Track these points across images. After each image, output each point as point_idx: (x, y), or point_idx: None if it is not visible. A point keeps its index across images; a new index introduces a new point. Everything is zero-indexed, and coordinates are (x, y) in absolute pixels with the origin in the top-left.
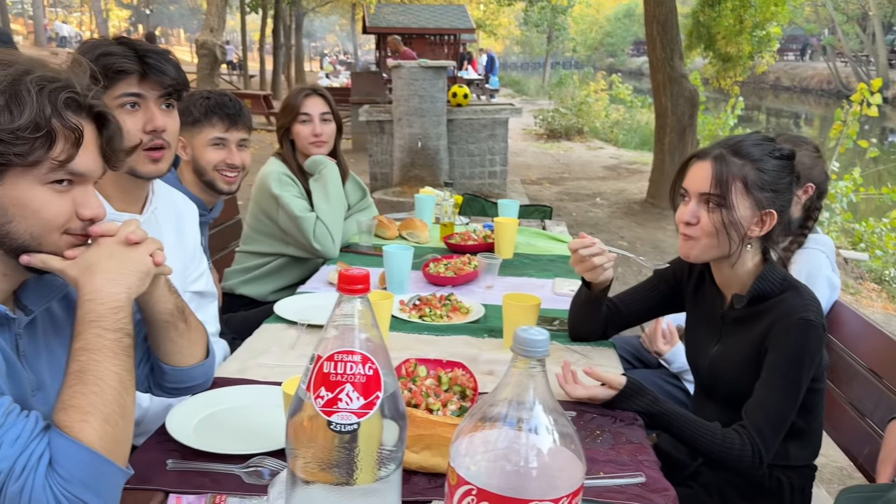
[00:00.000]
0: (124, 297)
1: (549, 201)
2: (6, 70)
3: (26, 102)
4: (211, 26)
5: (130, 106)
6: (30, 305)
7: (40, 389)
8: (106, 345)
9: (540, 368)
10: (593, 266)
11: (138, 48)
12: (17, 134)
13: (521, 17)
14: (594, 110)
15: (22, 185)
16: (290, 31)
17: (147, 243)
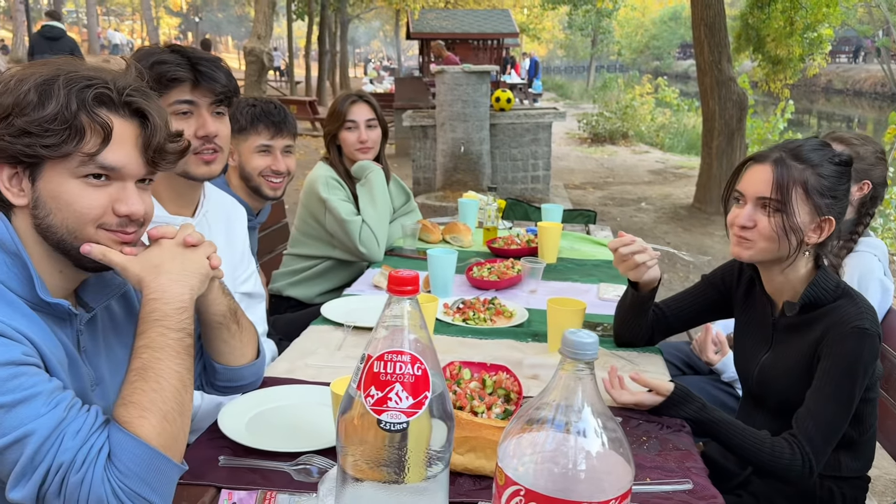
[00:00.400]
0: (188, 297)
1: (593, 206)
2: (43, 69)
3: (54, 96)
4: (258, 33)
5: (183, 113)
6: (90, 303)
7: (99, 384)
8: (169, 344)
9: (588, 371)
10: (635, 264)
11: (191, 56)
12: (44, 126)
13: (566, 20)
14: (639, 114)
15: (57, 178)
16: (335, 38)
17: (204, 246)
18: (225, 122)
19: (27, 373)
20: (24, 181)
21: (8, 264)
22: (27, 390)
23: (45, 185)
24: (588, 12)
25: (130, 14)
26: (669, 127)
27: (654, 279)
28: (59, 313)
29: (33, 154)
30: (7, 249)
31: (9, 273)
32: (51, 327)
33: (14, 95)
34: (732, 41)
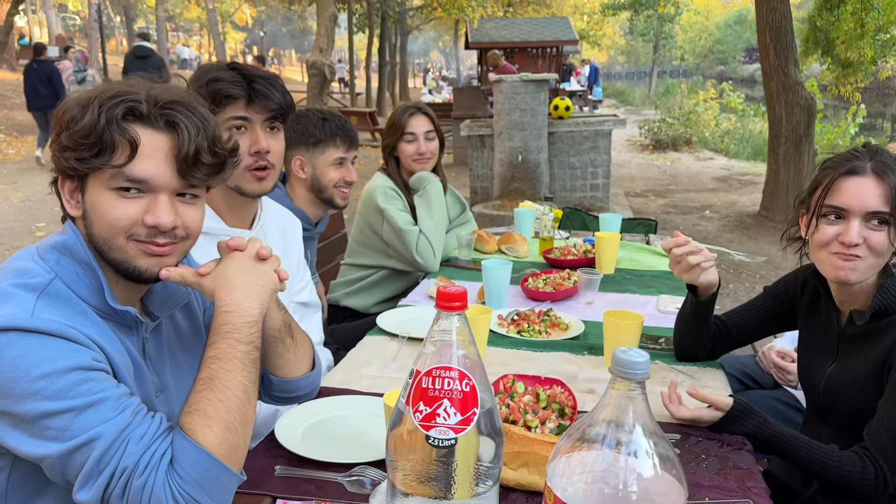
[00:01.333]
0: (258, 311)
1: (655, 214)
2: (89, 91)
3: (88, 112)
4: (321, 47)
5: (237, 129)
6: (155, 312)
7: (163, 391)
8: (237, 356)
9: (640, 391)
10: (689, 266)
11: (247, 73)
12: (79, 140)
13: (626, 26)
14: (703, 119)
15: (96, 190)
16: (395, 49)
17: (272, 260)
18: (279, 139)
19: (96, 378)
20: (77, 193)
21: (79, 273)
22: (96, 395)
23: (90, 197)
24: (650, 17)
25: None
26: (735, 133)
27: (711, 283)
28: (126, 321)
29: (72, 167)
30: (79, 259)
31: (79, 282)
32: (118, 335)
33: (65, 115)
34: (800, 44)
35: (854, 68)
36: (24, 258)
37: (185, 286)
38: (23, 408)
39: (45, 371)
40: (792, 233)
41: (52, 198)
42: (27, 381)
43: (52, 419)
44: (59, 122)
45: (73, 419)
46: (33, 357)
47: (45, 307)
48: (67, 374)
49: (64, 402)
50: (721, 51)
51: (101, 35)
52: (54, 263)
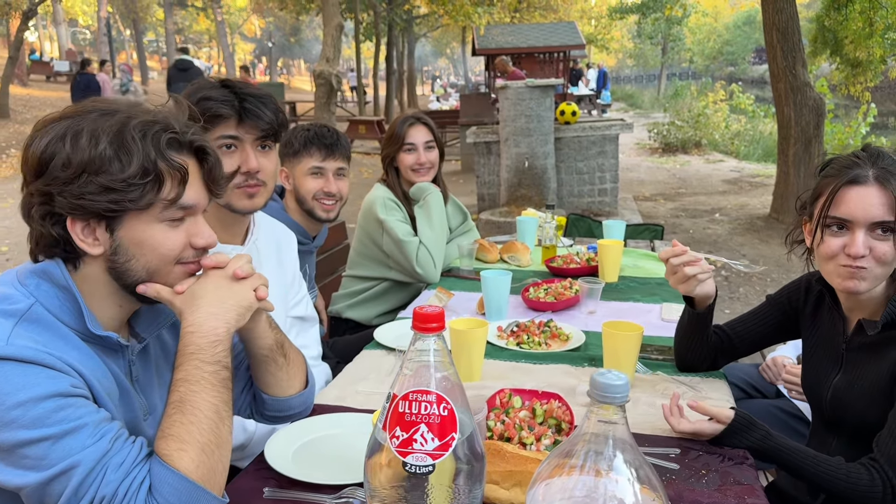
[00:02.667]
0: (223, 331)
1: (665, 218)
2: (110, 120)
3: (133, 150)
4: (327, 56)
5: (227, 147)
6: (142, 333)
7: (152, 414)
8: (204, 377)
9: (620, 415)
10: (685, 277)
11: (239, 92)
12: (129, 182)
13: (634, 29)
14: (713, 122)
15: (139, 226)
16: (403, 57)
17: (253, 279)
18: (270, 157)
19: (74, 404)
20: (97, 231)
21: (60, 298)
22: (74, 422)
23: (127, 234)
24: (657, 20)
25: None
26: (745, 134)
27: (707, 295)
28: (109, 345)
29: (119, 209)
30: (58, 284)
31: (62, 307)
32: (102, 358)
33: (88, 153)
34: (808, 44)
35: (863, 68)
36: (5, 283)
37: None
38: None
39: (20, 399)
40: (795, 236)
41: None
42: (3, 410)
43: (29, 448)
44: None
45: (50, 447)
46: (8, 385)
47: (24, 333)
48: (44, 402)
49: (41, 431)
50: (730, 52)
51: (111, 49)
52: (34, 288)
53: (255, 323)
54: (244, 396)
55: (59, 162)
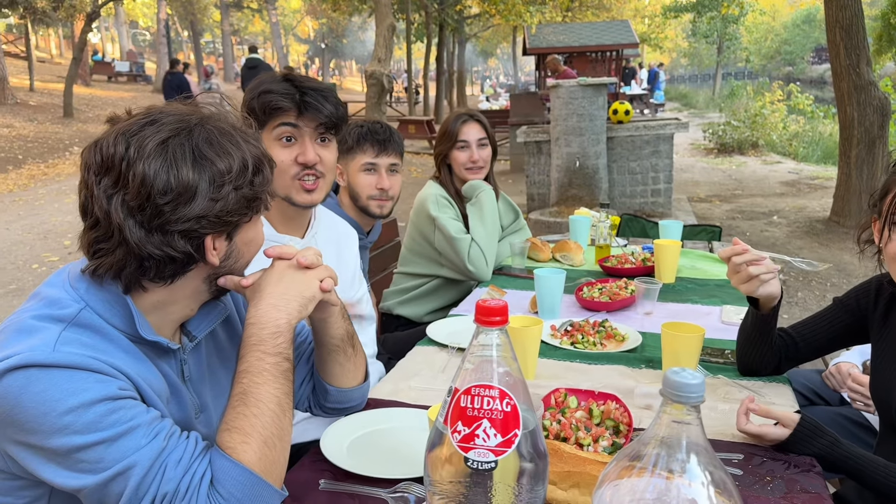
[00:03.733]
0: (284, 322)
1: (720, 220)
2: (256, 141)
3: (262, 167)
4: (379, 57)
5: (286, 139)
6: (194, 332)
7: (203, 411)
8: (266, 368)
9: (695, 415)
10: (748, 277)
11: (300, 85)
12: (267, 178)
13: (689, 28)
14: (770, 122)
15: (257, 223)
16: (453, 57)
17: (318, 270)
18: (329, 149)
19: (125, 406)
20: (217, 241)
21: (110, 303)
22: (126, 423)
23: (243, 236)
24: (713, 19)
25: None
26: (803, 135)
27: (772, 295)
28: (160, 348)
29: (256, 212)
30: (108, 289)
31: (112, 311)
32: (153, 360)
33: (225, 160)
34: (872, 43)
35: None
36: (57, 285)
37: (218, 299)
38: (54, 443)
39: (71, 405)
40: (865, 236)
41: None
42: (55, 417)
43: (84, 452)
44: (212, 184)
45: (105, 450)
46: (58, 392)
47: (72, 337)
48: (95, 406)
49: (95, 435)
50: (788, 51)
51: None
52: (84, 292)
53: (328, 313)
54: (303, 388)
55: (202, 187)
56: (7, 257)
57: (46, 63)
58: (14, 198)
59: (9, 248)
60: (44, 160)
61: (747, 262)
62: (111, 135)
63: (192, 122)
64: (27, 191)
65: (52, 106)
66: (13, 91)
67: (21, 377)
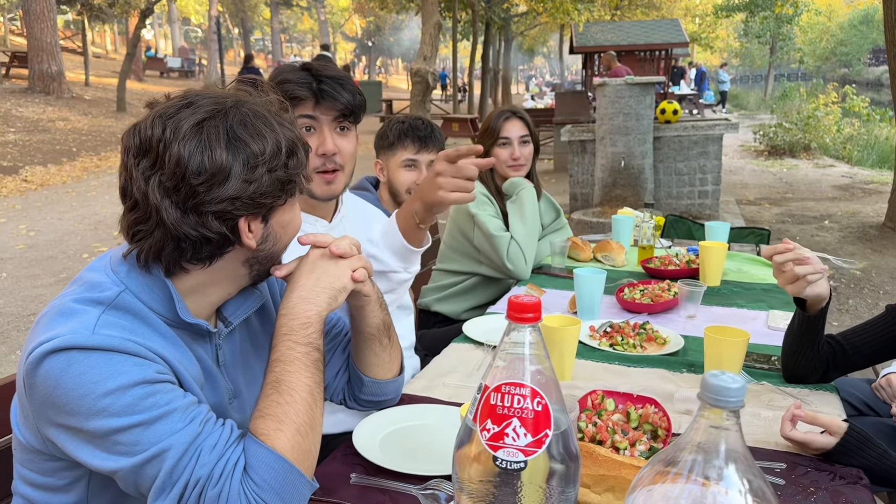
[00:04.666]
0: (313, 314)
1: (769, 224)
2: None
3: (297, 149)
4: (424, 54)
5: (306, 129)
6: (229, 318)
7: (237, 397)
8: (298, 357)
9: (734, 420)
10: (794, 277)
11: (317, 74)
12: (299, 168)
13: (741, 28)
14: (823, 125)
15: (288, 209)
16: (499, 56)
17: (352, 260)
18: (348, 138)
19: (162, 390)
20: (253, 223)
21: (150, 286)
22: (163, 407)
23: (279, 219)
24: (766, 19)
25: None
26: (858, 139)
27: (820, 296)
28: (198, 331)
29: (291, 195)
30: (149, 271)
31: (151, 294)
32: (188, 344)
33: (259, 142)
34: None
35: None
36: (98, 269)
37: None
38: (92, 425)
39: (110, 388)
40: None
41: None
42: (93, 399)
43: (121, 434)
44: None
45: (142, 433)
46: (97, 374)
47: (111, 320)
48: (133, 389)
49: (132, 418)
50: (844, 53)
51: (220, 46)
52: (124, 275)
53: (363, 301)
54: (339, 379)
55: (235, 169)
56: (59, 247)
57: (101, 58)
58: (67, 189)
59: (61, 237)
60: (97, 153)
61: (792, 260)
62: (149, 118)
63: (227, 105)
64: (80, 182)
65: (106, 100)
66: (69, 85)
67: (62, 359)
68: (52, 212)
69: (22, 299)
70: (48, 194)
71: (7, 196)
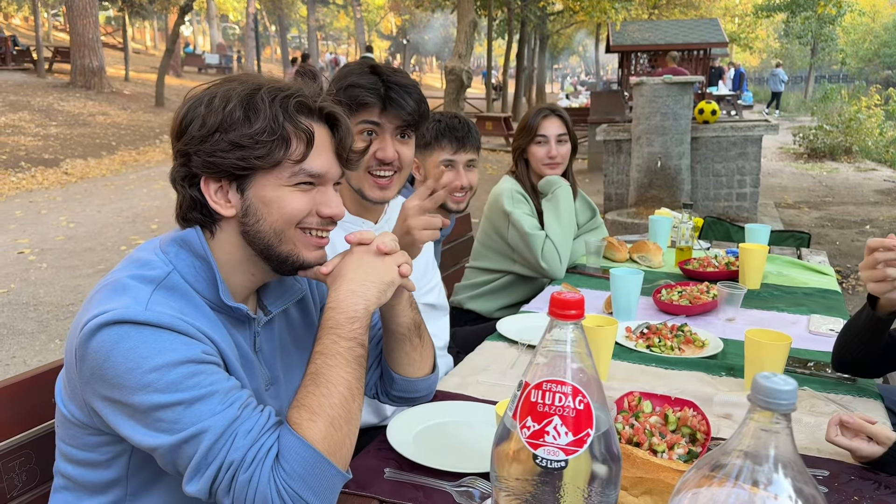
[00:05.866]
0: (362, 308)
1: (808, 227)
2: (243, 86)
3: (261, 110)
4: (459, 52)
5: (367, 133)
6: (269, 307)
7: (274, 385)
8: (340, 352)
9: (784, 424)
10: (883, 276)
11: (386, 80)
12: (256, 138)
13: (781, 28)
14: (866, 128)
15: (268, 186)
16: (534, 54)
17: (397, 255)
18: (408, 146)
19: (206, 371)
20: (230, 193)
21: (196, 268)
22: (206, 388)
23: (257, 193)
24: (808, 19)
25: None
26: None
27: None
28: (238, 316)
29: (247, 166)
30: (196, 253)
31: (196, 276)
32: (228, 329)
33: (220, 114)
34: None
35: None
36: (148, 249)
37: (294, 276)
38: (136, 399)
39: (157, 364)
40: None
41: None
42: (140, 374)
43: (163, 411)
44: (201, 122)
45: (182, 412)
46: (146, 350)
47: (161, 299)
48: (178, 367)
49: (174, 395)
50: (888, 54)
51: (257, 43)
52: (173, 256)
53: (397, 301)
54: (371, 373)
55: (196, 123)
56: (97, 239)
57: (141, 54)
58: (106, 182)
59: (99, 230)
60: (135, 147)
61: (889, 260)
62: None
63: (231, 78)
64: (119, 176)
65: (145, 95)
66: (109, 80)
67: (114, 332)
68: (91, 204)
69: (61, 289)
70: (87, 187)
71: (48, 188)
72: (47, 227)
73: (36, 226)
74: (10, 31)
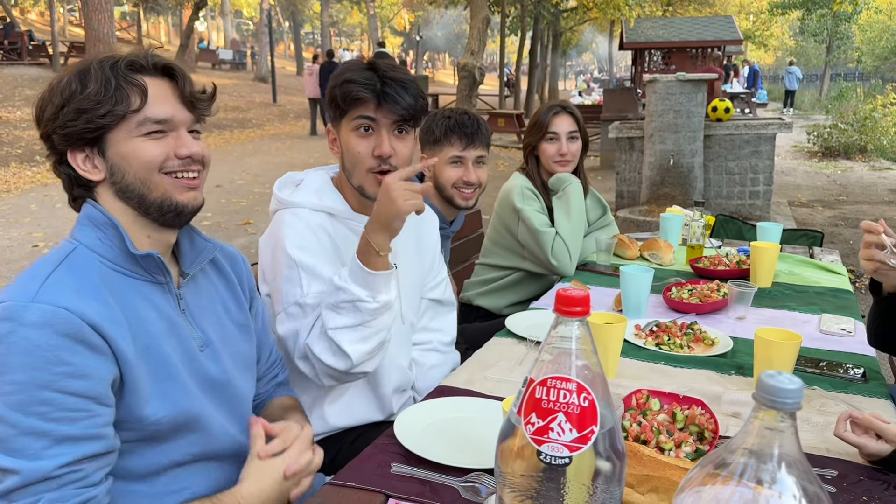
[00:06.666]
0: None
1: (822, 226)
2: (78, 65)
3: (93, 76)
4: (472, 49)
5: (364, 129)
6: (185, 269)
7: (209, 346)
8: None
9: (789, 423)
10: (870, 257)
11: (382, 75)
12: (94, 99)
13: (797, 26)
14: (881, 126)
15: (122, 141)
16: (547, 51)
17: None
18: (406, 142)
19: (56, 403)
20: (95, 160)
21: (101, 238)
22: (46, 424)
23: (115, 151)
24: (824, 17)
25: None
26: None
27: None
28: (152, 268)
29: (95, 126)
30: (97, 222)
31: (104, 244)
32: (148, 296)
33: (62, 92)
34: None
35: None
36: (61, 243)
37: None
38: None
39: (16, 379)
40: None
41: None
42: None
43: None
44: (51, 104)
45: (14, 437)
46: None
47: (61, 279)
48: (35, 391)
49: (15, 416)
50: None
51: (271, 39)
52: (77, 233)
53: None
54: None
55: (49, 109)
56: None
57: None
58: None
59: None
60: None
61: (876, 244)
62: None
63: (69, 66)
64: None
65: None
66: None
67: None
68: None
69: None
70: None
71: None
72: (62, 220)
73: (51, 219)
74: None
